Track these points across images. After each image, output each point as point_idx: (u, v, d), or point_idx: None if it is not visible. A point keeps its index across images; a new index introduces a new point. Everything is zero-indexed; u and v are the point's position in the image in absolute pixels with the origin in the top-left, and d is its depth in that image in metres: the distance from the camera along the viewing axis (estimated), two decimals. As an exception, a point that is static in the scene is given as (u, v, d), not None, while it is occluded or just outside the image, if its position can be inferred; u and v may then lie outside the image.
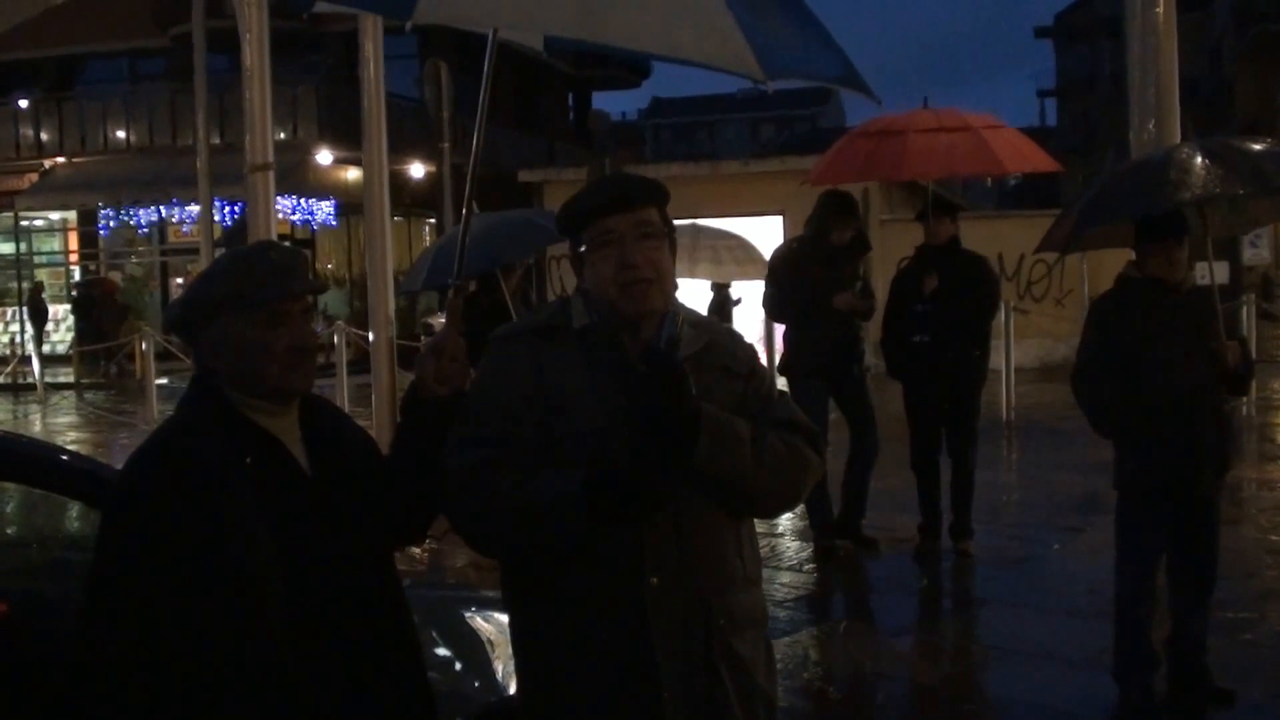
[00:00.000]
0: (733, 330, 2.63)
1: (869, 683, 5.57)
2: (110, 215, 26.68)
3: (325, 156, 25.80)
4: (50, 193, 27.47)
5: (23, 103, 28.34)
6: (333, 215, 25.89)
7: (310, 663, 2.15)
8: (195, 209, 20.19)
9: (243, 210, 17.49)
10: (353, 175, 25.06)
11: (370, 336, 9.71)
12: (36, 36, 30.52)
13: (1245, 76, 34.51)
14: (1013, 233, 18.27)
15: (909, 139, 7.76)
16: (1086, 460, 9.40)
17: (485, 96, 2.47)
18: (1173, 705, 4.93)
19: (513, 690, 2.78)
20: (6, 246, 29.62)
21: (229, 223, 23.20)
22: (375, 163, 9.60)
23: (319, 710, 2.16)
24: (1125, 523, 4.92)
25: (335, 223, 26.21)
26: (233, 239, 20.26)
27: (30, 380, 21.77)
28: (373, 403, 9.67)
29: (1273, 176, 4.51)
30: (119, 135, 27.88)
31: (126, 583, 2.07)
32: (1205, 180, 4.46)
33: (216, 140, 19.73)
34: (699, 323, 2.51)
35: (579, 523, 2.23)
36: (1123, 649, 4.92)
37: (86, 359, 23.17)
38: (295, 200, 24.61)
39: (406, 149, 23.04)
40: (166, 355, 19.51)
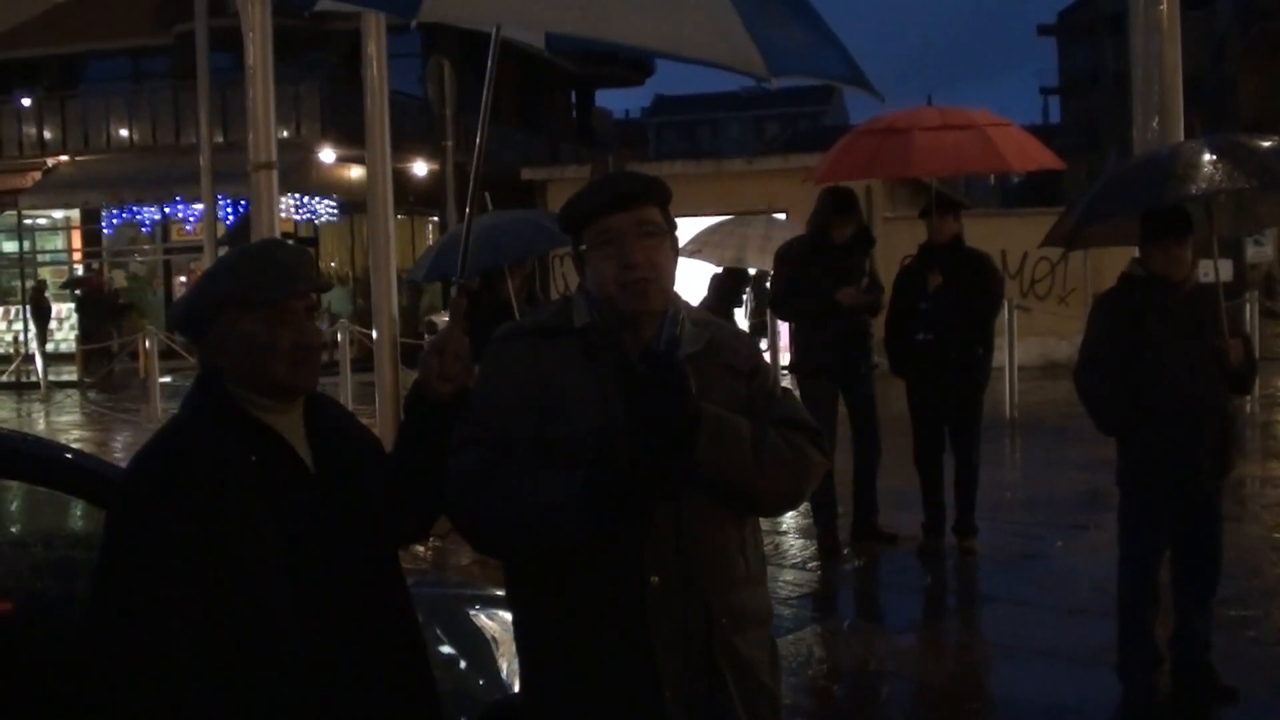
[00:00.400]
0: (736, 328, 2.63)
1: (873, 680, 5.57)
2: (113, 214, 26.68)
3: (328, 155, 25.79)
4: (53, 191, 27.47)
5: (25, 101, 28.33)
6: (336, 213, 25.89)
7: (315, 660, 2.15)
8: (198, 207, 20.18)
9: (246, 209, 17.58)
10: (356, 173, 25.07)
11: (374, 334, 9.71)
12: (39, 35, 30.33)
13: (1248, 75, 34.45)
14: (1016, 230, 18.25)
15: (914, 137, 7.74)
16: (1090, 458, 9.39)
17: (488, 95, 2.46)
18: (1176, 703, 4.92)
19: (517, 688, 2.78)
20: (10, 245, 29.67)
21: (232, 221, 23.20)
22: (378, 161, 9.60)
23: (324, 707, 2.16)
24: (1128, 520, 4.93)
25: (338, 219, 26.22)
26: (236, 237, 20.24)
27: (34, 378, 21.80)
28: (376, 401, 9.67)
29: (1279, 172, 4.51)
30: (122, 133, 27.89)
31: (132, 581, 2.07)
32: (1211, 175, 4.45)
33: (219, 138, 19.67)
34: (701, 321, 2.50)
35: (580, 523, 2.22)
36: (1126, 646, 4.92)
37: (87, 357, 23.18)
38: (298, 198, 24.61)
39: (410, 147, 23.01)
40: (171, 354, 19.52)
